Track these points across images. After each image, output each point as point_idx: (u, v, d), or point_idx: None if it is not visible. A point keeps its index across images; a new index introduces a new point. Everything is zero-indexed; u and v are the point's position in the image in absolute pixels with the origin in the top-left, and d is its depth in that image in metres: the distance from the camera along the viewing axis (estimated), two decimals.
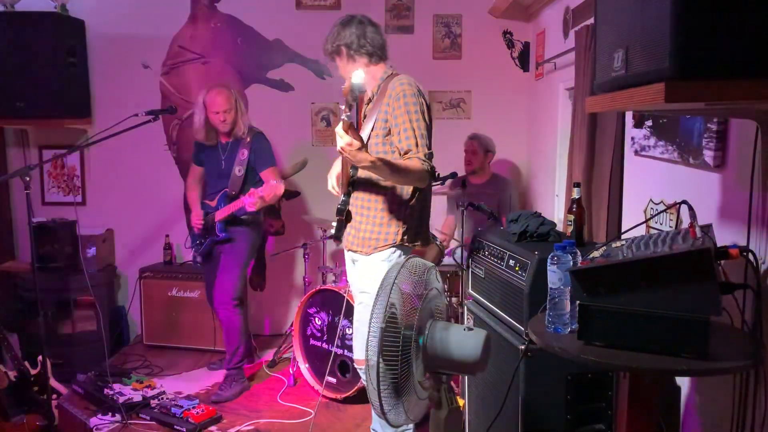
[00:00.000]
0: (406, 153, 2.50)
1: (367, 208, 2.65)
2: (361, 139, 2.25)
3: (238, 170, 3.81)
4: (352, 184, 2.68)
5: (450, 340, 1.95)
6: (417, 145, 2.49)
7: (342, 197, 2.68)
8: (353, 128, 2.22)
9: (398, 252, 2.64)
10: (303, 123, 4.80)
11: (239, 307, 3.86)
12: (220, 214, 3.83)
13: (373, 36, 2.66)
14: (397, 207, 2.62)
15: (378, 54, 2.68)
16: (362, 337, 2.42)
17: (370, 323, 1.89)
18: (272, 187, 3.50)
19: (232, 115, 3.79)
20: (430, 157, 2.52)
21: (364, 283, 2.68)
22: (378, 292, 1.92)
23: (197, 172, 4.12)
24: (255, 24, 4.77)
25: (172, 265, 4.75)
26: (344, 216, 2.63)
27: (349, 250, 2.76)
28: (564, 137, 3.82)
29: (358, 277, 2.75)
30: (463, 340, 1.94)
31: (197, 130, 3.89)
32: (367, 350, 1.88)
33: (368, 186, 2.65)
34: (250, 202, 3.56)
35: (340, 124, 2.19)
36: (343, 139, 2.22)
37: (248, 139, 3.82)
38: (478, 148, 4.30)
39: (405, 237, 2.63)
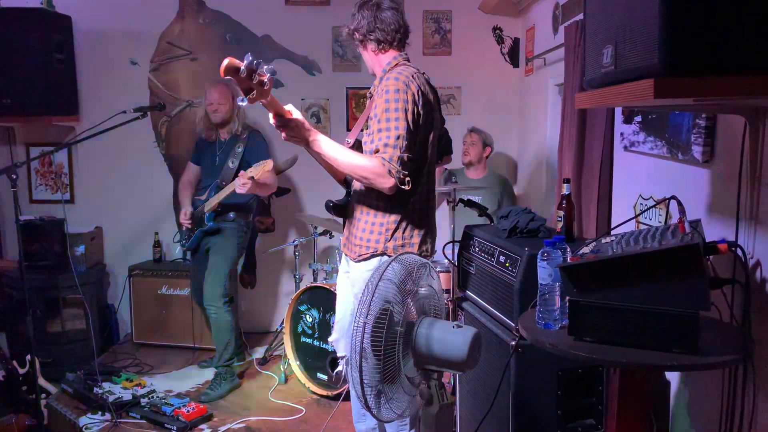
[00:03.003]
0: (375, 152, 2.27)
1: (359, 210, 2.47)
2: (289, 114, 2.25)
3: (231, 162, 3.86)
4: (346, 182, 2.56)
5: (436, 338, 1.92)
6: (386, 146, 2.24)
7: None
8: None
9: (385, 260, 2.40)
10: None
11: (228, 305, 3.85)
12: (209, 204, 3.84)
13: (389, 20, 2.43)
14: (384, 213, 2.40)
15: (388, 41, 2.45)
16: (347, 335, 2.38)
17: (354, 318, 1.87)
18: (262, 164, 3.49)
19: (226, 108, 3.92)
20: (401, 162, 2.25)
21: (356, 290, 2.51)
22: (365, 287, 1.90)
23: (193, 170, 4.15)
24: (244, 20, 4.74)
25: (161, 262, 4.73)
26: (335, 211, 2.53)
27: (343, 251, 2.65)
28: (554, 133, 3.83)
29: (352, 283, 2.58)
30: (449, 337, 1.90)
31: (197, 122, 4.18)
32: (351, 345, 1.87)
33: (359, 186, 2.46)
34: (240, 183, 3.56)
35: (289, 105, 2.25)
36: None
37: (244, 136, 3.96)
38: (477, 140, 4.33)
39: (389, 246, 2.40)
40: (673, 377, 2.33)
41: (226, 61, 1.88)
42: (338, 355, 2.78)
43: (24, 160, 4.58)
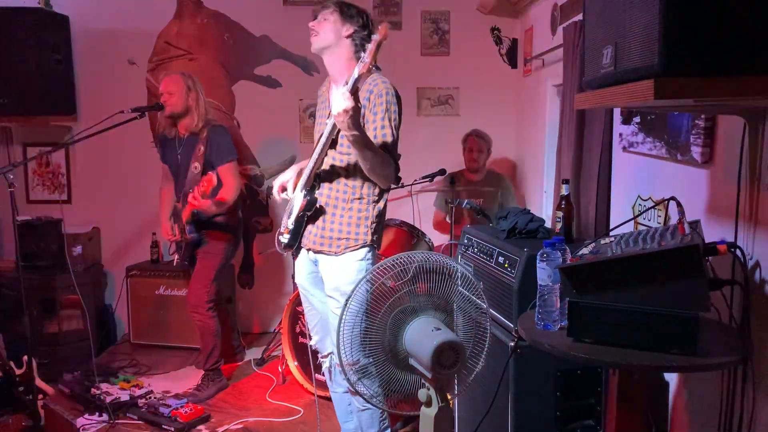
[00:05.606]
0: (381, 147, 2.46)
1: (334, 206, 2.58)
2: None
3: (195, 167, 3.62)
4: (317, 177, 2.60)
5: (414, 338, 1.90)
6: (394, 145, 2.48)
7: (303, 192, 2.58)
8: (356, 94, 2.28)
9: (372, 251, 2.60)
10: (291, 120, 4.77)
11: (213, 311, 3.75)
12: (183, 216, 3.68)
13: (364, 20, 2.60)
14: (366, 206, 2.58)
15: (361, 39, 2.56)
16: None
17: (341, 314, 1.90)
18: (206, 181, 3.27)
19: (175, 99, 3.61)
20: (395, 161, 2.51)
21: (338, 282, 2.55)
22: (356, 284, 1.91)
23: (166, 170, 3.96)
24: (242, 20, 4.73)
25: (159, 263, 4.71)
26: (311, 212, 2.57)
27: (309, 249, 2.66)
28: (552, 134, 3.83)
29: (330, 277, 2.60)
30: (421, 340, 1.85)
31: (159, 120, 3.97)
32: (337, 337, 1.88)
33: (336, 181, 2.58)
34: (196, 205, 3.39)
35: (347, 87, 2.23)
36: (347, 102, 2.18)
37: (204, 134, 3.65)
38: (484, 147, 4.33)
39: (374, 237, 2.59)
40: (672, 378, 2.33)
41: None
42: (325, 353, 2.86)
43: (21, 160, 4.57)
